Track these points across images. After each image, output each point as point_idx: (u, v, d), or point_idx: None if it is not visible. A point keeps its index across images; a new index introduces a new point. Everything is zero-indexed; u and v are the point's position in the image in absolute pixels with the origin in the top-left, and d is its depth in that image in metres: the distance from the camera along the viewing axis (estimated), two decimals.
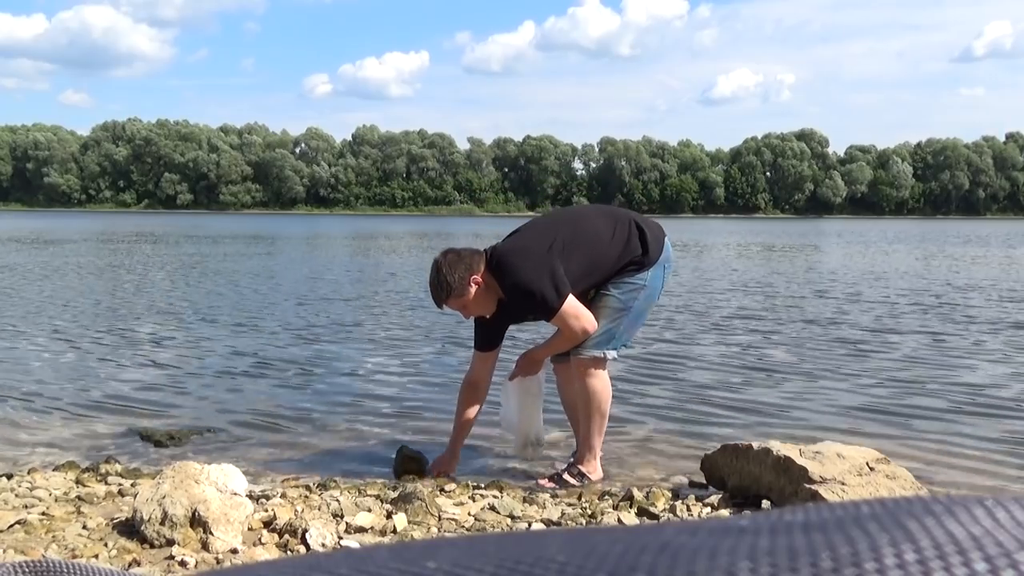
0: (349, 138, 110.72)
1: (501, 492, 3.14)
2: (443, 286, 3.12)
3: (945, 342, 6.85)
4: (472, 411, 3.41)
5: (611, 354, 3.28)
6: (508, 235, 3.36)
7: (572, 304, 3.14)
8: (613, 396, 3.45)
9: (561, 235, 3.19)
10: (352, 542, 2.55)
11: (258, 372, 5.63)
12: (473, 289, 3.13)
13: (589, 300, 3.27)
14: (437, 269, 3.14)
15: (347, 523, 2.68)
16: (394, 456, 3.59)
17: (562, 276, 3.10)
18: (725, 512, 2.91)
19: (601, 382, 3.30)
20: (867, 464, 2.85)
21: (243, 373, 5.60)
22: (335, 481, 3.29)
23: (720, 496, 3.07)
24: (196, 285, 11.93)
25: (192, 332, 7.34)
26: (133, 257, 18.34)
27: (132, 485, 3.12)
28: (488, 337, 3.36)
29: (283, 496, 2.98)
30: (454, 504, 2.97)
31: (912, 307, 9.40)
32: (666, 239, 3.37)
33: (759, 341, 6.91)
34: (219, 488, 2.62)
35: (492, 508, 2.92)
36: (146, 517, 2.49)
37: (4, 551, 2.40)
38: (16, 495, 2.95)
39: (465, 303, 3.17)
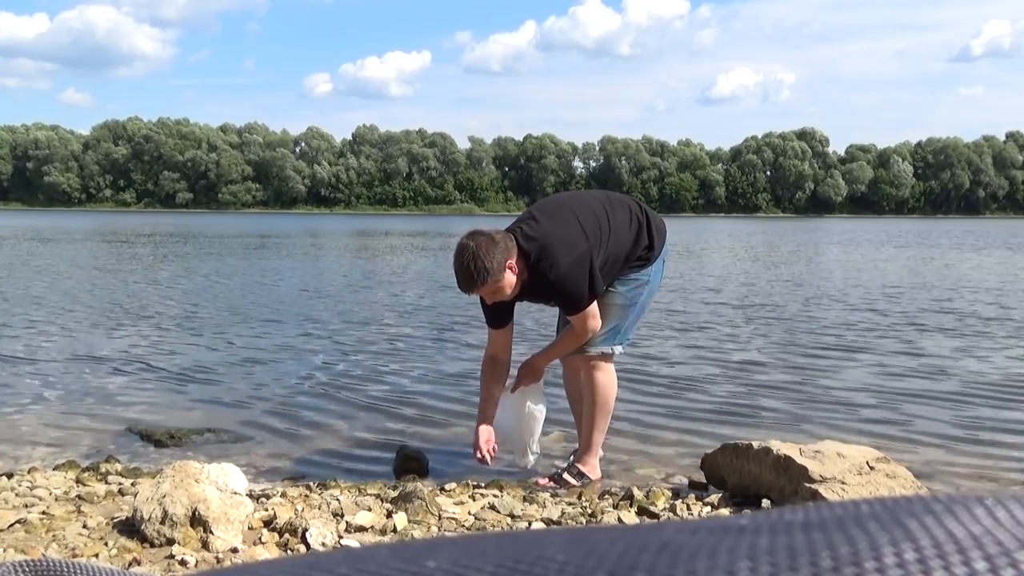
0: (349, 137, 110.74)
1: (501, 491, 3.14)
2: (480, 271, 2.88)
3: (944, 342, 6.85)
4: (497, 385, 3.27)
5: (617, 349, 3.29)
6: (536, 214, 3.13)
7: (593, 304, 3.10)
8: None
9: (591, 225, 3.06)
10: (352, 541, 2.55)
11: (258, 372, 5.63)
12: (508, 274, 2.96)
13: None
14: (472, 254, 2.88)
15: (347, 522, 2.68)
16: (394, 456, 3.60)
17: (599, 276, 3.05)
18: (725, 511, 2.91)
19: (608, 377, 3.30)
20: (867, 463, 2.85)
21: (243, 373, 5.60)
22: (335, 480, 3.30)
23: (720, 495, 3.07)
24: (196, 285, 11.93)
25: (192, 332, 7.34)
26: (132, 256, 18.33)
27: (132, 484, 3.12)
28: (499, 316, 3.22)
29: (283, 495, 2.98)
30: (454, 503, 2.98)
31: (912, 307, 9.40)
32: (665, 231, 3.34)
33: (759, 341, 6.91)
34: (219, 487, 2.62)
35: (492, 507, 2.92)
36: (146, 516, 2.49)
37: (4, 550, 2.40)
38: (16, 494, 2.95)
39: (499, 288, 2.97)
